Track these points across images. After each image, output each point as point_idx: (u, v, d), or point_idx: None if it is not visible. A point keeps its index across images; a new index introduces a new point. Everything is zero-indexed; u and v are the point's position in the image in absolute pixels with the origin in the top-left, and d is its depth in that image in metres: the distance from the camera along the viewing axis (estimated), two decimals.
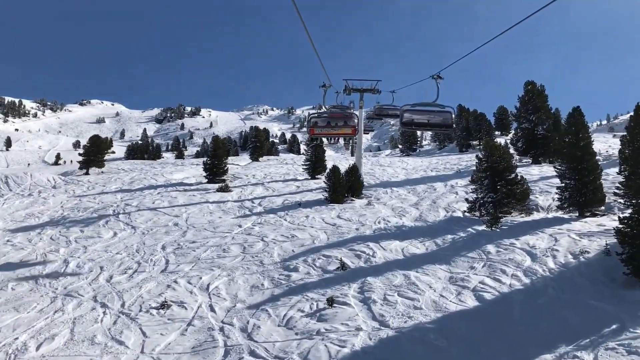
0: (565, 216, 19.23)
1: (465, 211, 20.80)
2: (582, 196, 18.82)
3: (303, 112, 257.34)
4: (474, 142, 54.92)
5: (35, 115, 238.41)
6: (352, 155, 67.03)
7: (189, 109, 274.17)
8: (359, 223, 20.03)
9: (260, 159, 50.85)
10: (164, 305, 12.26)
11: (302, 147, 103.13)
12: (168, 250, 17.40)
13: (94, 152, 38.67)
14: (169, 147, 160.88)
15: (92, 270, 15.39)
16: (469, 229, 18.23)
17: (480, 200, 20.31)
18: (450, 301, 11.64)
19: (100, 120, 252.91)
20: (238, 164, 46.32)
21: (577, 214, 19.13)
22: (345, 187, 25.08)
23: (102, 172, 39.32)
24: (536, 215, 20.29)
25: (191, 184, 32.39)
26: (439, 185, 28.02)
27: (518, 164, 25.66)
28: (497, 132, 57.20)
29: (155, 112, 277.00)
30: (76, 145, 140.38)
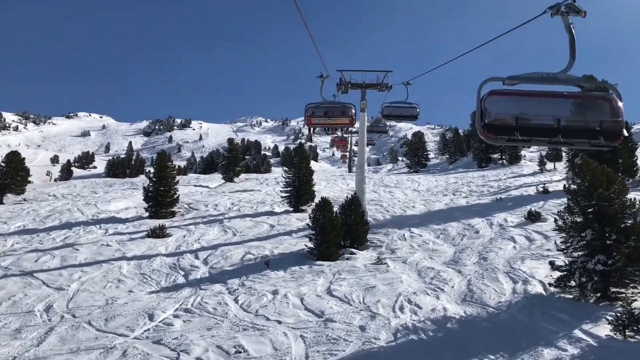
0: None
1: (552, 284, 11.91)
2: None
3: (298, 123, 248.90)
4: (495, 156, 46.24)
5: (16, 129, 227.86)
6: (350, 171, 58.03)
7: (178, 120, 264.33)
8: (366, 310, 11.11)
9: (236, 178, 41.38)
10: None
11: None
12: None
13: (10, 174, 29.22)
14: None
15: None
16: (576, 333, 9.45)
17: (579, 266, 11.50)
18: None
19: (85, 134, 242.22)
20: (207, 186, 37.31)
21: None
22: (342, 232, 16.12)
23: (23, 199, 30.17)
24: None
25: (126, 219, 23.20)
26: (478, 222, 19.16)
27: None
28: None
29: (144, 124, 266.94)
30: (54, 160, 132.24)
